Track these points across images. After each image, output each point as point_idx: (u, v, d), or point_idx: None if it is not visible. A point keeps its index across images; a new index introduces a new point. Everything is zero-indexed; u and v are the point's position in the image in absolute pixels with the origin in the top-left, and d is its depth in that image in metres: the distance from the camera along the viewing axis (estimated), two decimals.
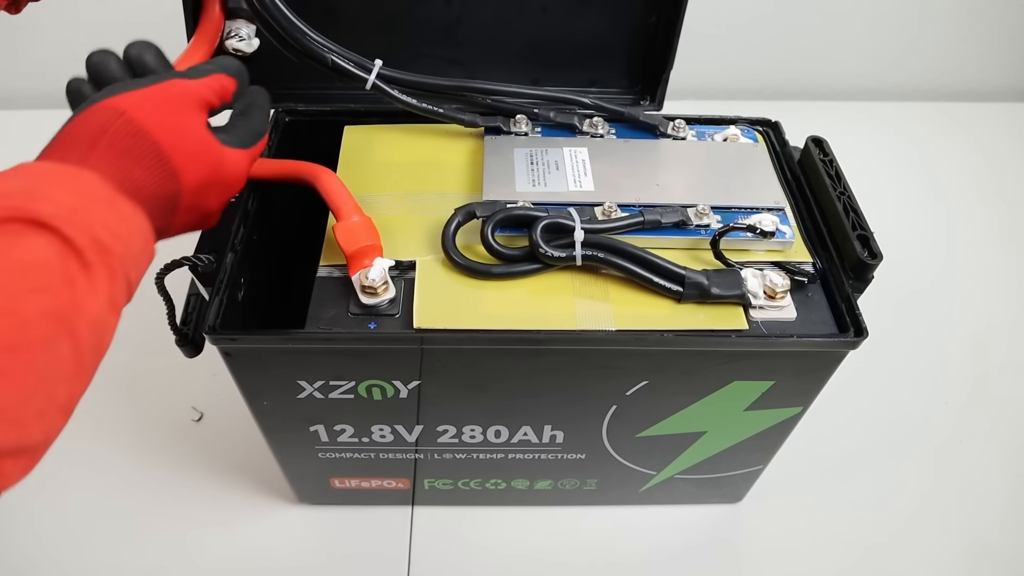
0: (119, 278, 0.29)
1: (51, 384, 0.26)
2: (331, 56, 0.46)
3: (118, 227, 0.29)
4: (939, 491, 0.64)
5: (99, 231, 0.28)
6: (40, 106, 0.97)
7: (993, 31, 1.01)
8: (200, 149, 0.35)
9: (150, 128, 0.32)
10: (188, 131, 0.34)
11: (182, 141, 0.34)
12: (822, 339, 0.42)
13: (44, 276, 0.26)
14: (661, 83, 0.55)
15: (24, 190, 0.28)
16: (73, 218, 0.27)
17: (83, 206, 0.28)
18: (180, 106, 0.34)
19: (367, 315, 0.42)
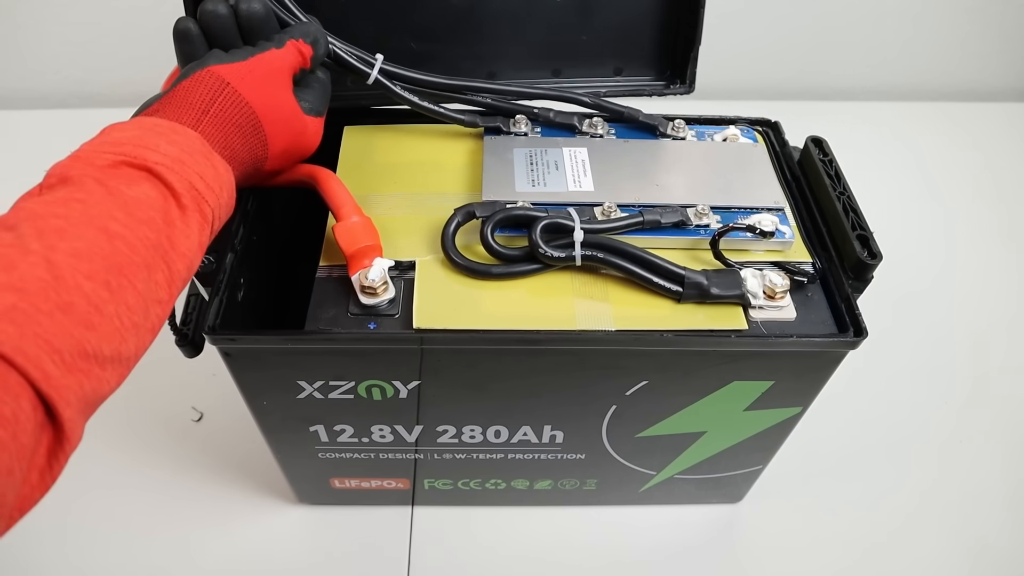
0: (207, 222, 0.33)
1: (148, 304, 0.30)
2: (333, 47, 0.46)
3: (212, 180, 0.34)
4: (939, 491, 0.64)
5: (196, 180, 0.33)
6: (40, 106, 0.97)
7: (993, 31, 1.01)
8: (289, 120, 0.40)
9: (251, 100, 0.37)
10: (281, 104, 0.39)
11: (275, 113, 0.39)
12: (822, 339, 0.42)
13: (149, 212, 0.30)
14: (690, 62, 0.53)
15: (138, 140, 0.32)
16: (175, 167, 0.32)
17: (184, 158, 0.33)
18: (275, 79, 0.39)
19: (367, 315, 0.42)
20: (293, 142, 0.41)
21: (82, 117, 0.94)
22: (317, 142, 0.43)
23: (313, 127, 0.42)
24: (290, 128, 0.40)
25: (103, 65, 0.96)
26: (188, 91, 0.36)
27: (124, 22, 0.91)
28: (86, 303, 0.27)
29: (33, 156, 0.89)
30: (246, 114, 0.37)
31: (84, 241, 0.28)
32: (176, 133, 0.34)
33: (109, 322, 0.28)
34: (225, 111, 0.36)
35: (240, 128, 0.37)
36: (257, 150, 0.39)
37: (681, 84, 0.55)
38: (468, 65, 0.54)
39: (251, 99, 0.37)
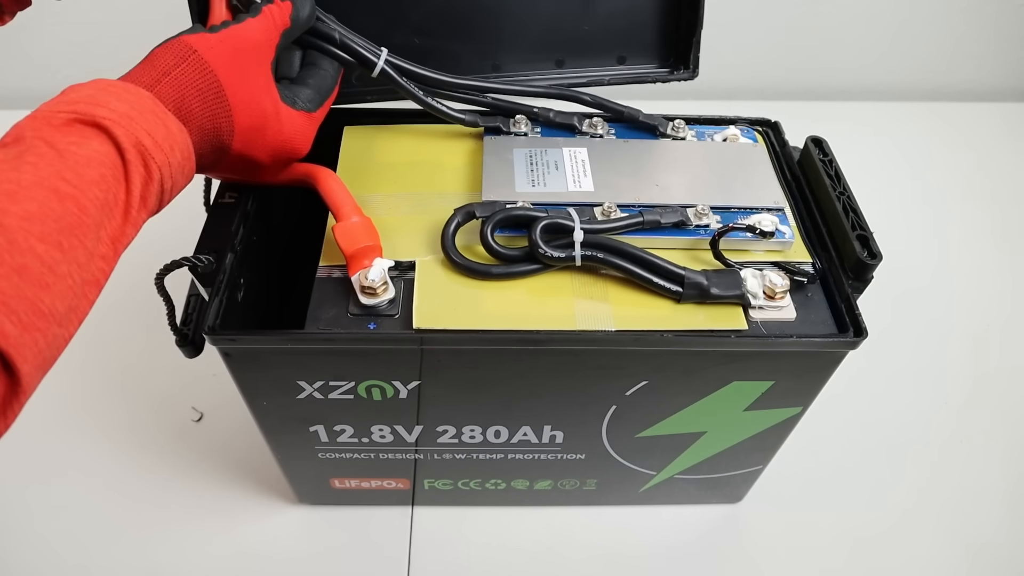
0: (154, 180, 0.33)
1: (94, 260, 0.31)
2: (337, 30, 0.45)
3: (162, 138, 0.34)
4: (938, 491, 0.64)
5: (143, 136, 0.33)
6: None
7: (990, 32, 1.02)
8: (259, 99, 0.39)
9: (216, 67, 0.37)
10: (250, 77, 0.39)
11: (243, 84, 0.38)
12: (822, 339, 0.42)
13: (100, 169, 0.31)
14: (693, 47, 0.53)
15: (90, 98, 0.33)
16: (122, 122, 0.32)
17: (134, 115, 0.33)
18: (247, 51, 0.39)
19: (367, 315, 0.42)
20: (261, 121, 0.40)
21: None
22: (302, 139, 0.43)
23: (289, 116, 0.41)
24: (260, 106, 0.39)
25: (103, 65, 0.96)
26: (155, 57, 0.37)
27: (124, 22, 0.91)
28: (39, 264, 0.28)
29: None
30: (208, 79, 0.37)
31: (36, 203, 0.29)
32: (128, 92, 0.34)
33: (62, 281, 0.29)
34: (185, 74, 0.37)
35: (200, 92, 0.37)
36: (219, 118, 0.38)
37: (685, 70, 0.54)
38: (471, 59, 0.53)
39: (216, 66, 0.37)
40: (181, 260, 0.42)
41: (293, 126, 0.42)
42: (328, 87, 0.45)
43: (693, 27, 0.52)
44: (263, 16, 0.40)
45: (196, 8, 0.45)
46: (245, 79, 0.39)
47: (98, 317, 0.71)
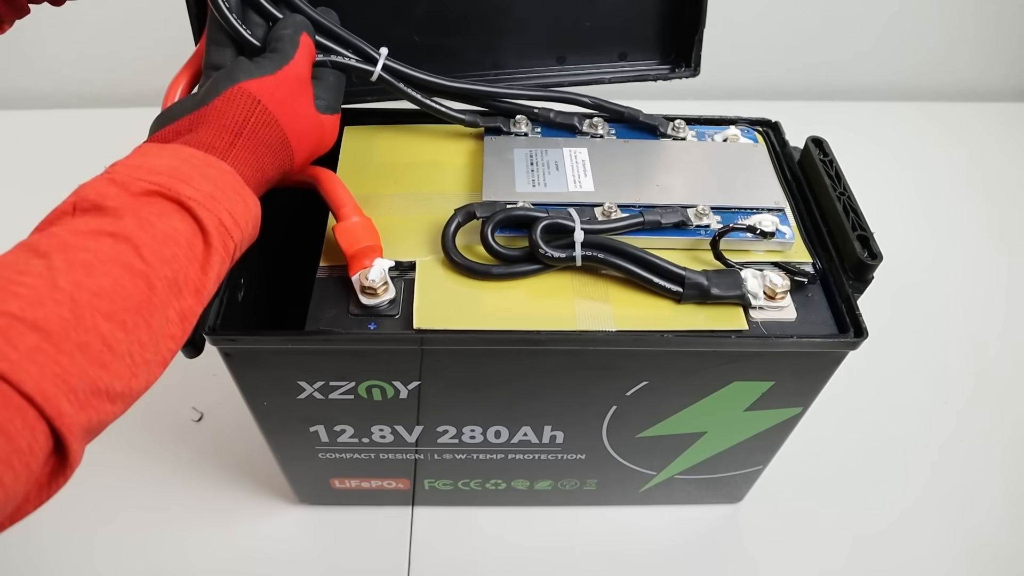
0: (229, 257, 0.34)
1: (159, 340, 0.30)
2: (333, 49, 0.45)
3: (240, 215, 0.34)
4: (939, 491, 0.64)
5: (225, 217, 0.33)
6: (40, 106, 0.97)
7: (990, 32, 1.02)
8: (311, 129, 0.40)
9: (280, 118, 0.37)
10: (304, 114, 0.39)
11: (300, 124, 0.39)
12: (822, 339, 0.42)
13: (174, 248, 0.31)
14: (695, 45, 0.52)
15: (174, 171, 0.32)
16: (207, 203, 0.32)
17: (217, 194, 0.33)
18: (299, 90, 0.39)
19: (367, 316, 0.42)
20: (315, 147, 0.41)
21: (82, 117, 0.95)
22: (334, 138, 0.43)
23: (330, 125, 0.42)
24: (312, 134, 0.40)
25: (103, 65, 0.96)
26: (220, 112, 0.36)
27: (124, 22, 0.91)
28: (101, 343, 0.28)
29: (33, 156, 0.90)
30: (276, 133, 0.37)
31: (108, 279, 0.28)
32: (211, 167, 0.34)
33: (121, 360, 0.28)
34: (257, 132, 0.36)
35: (270, 148, 0.37)
36: (284, 164, 0.39)
37: (687, 68, 0.54)
38: (472, 56, 0.53)
39: (279, 115, 0.37)
40: None
41: (333, 131, 0.42)
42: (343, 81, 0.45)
43: (696, 24, 0.52)
44: (303, 47, 0.40)
45: (195, 9, 0.45)
46: (301, 117, 0.39)
47: None
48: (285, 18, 0.42)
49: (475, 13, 0.52)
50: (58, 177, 0.86)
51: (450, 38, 0.52)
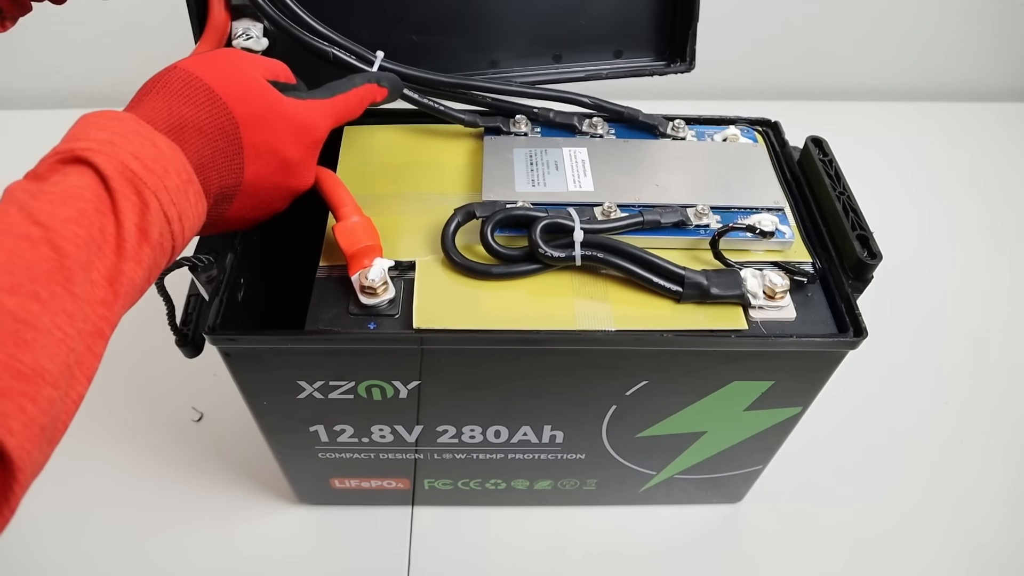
0: (151, 208, 0.30)
1: (88, 307, 0.27)
2: (332, 50, 0.46)
3: (151, 159, 0.30)
4: (939, 490, 0.64)
5: (129, 160, 0.30)
6: (40, 106, 0.97)
7: (991, 32, 1.02)
8: (253, 89, 0.36)
9: (201, 73, 0.34)
10: (241, 75, 0.36)
11: (233, 81, 0.35)
12: (822, 339, 0.42)
13: (78, 204, 0.28)
14: (689, 39, 0.52)
15: (72, 135, 0.31)
16: (103, 149, 0.29)
17: (115, 140, 0.30)
18: (236, 60, 0.37)
19: (367, 315, 0.42)
20: (265, 110, 0.36)
21: None
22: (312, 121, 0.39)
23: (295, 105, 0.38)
24: (258, 98, 0.36)
25: (103, 65, 0.96)
26: (150, 89, 0.35)
27: (124, 22, 0.91)
28: (12, 320, 0.25)
29: (33, 156, 0.90)
30: (194, 84, 0.34)
31: (3, 253, 0.26)
32: (109, 119, 0.31)
33: (48, 335, 0.25)
34: (170, 84, 0.34)
35: (188, 97, 0.34)
36: (216, 116, 0.34)
37: (681, 62, 0.54)
38: (469, 55, 0.53)
39: (202, 72, 0.34)
40: (181, 260, 0.42)
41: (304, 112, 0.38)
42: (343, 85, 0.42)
43: (689, 19, 0.52)
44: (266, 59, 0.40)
45: (195, 9, 0.46)
46: (235, 77, 0.36)
47: None
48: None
49: (471, 13, 0.52)
50: None
51: (447, 38, 0.53)
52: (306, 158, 0.39)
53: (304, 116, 0.38)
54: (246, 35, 0.46)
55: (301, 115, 0.38)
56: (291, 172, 0.38)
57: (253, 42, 0.47)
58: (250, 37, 0.47)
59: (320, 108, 0.39)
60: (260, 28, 0.47)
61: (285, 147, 0.37)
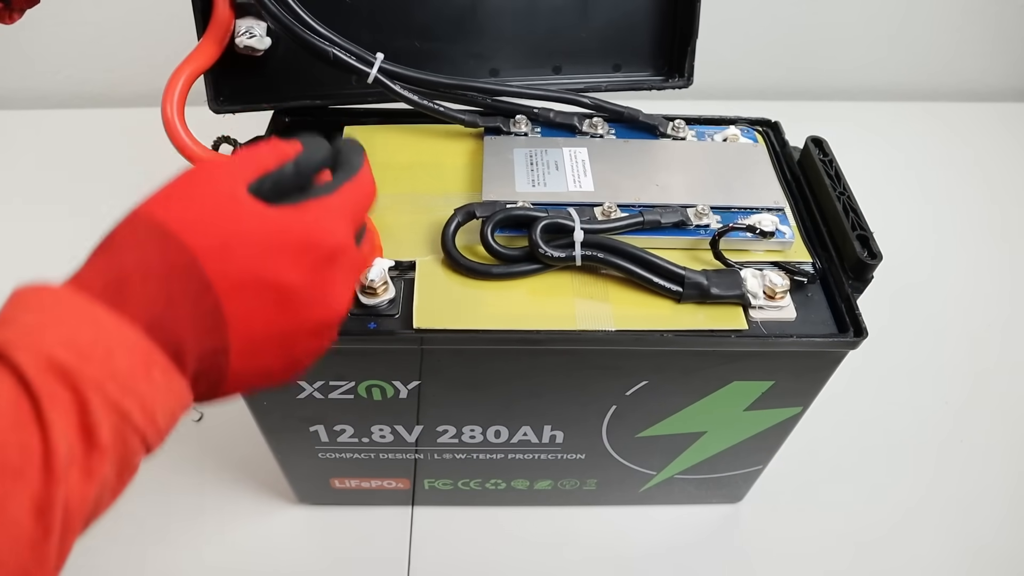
0: (93, 406, 0.23)
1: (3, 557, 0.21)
2: (332, 50, 0.46)
3: (88, 343, 0.23)
4: (938, 490, 0.64)
5: (56, 350, 0.22)
6: (40, 106, 0.97)
7: (991, 32, 1.02)
8: (217, 208, 0.27)
9: (150, 206, 0.26)
10: (202, 194, 0.27)
11: (188, 204, 0.27)
12: (822, 339, 0.42)
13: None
14: (688, 56, 0.53)
15: (4, 313, 0.24)
16: (24, 340, 0.22)
17: (42, 324, 0.23)
18: (202, 177, 0.28)
19: (367, 315, 0.42)
20: (233, 229, 0.26)
21: (82, 117, 0.95)
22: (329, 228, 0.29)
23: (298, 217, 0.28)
24: (220, 215, 0.26)
25: (103, 65, 0.96)
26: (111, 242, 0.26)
27: (124, 22, 0.91)
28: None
29: (33, 156, 0.90)
30: (136, 222, 0.26)
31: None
32: (39, 294, 0.24)
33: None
34: (114, 232, 0.26)
35: (130, 241, 0.26)
36: (170, 254, 0.25)
37: (680, 78, 0.55)
38: (470, 63, 0.54)
39: (145, 205, 0.27)
40: None
41: (301, 220, 0.28)
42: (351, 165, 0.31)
43: (688, 37, 0.53)
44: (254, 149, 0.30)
45: (199, 6, 0.46)
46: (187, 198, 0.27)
47: None
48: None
49: (474, 22, 0.53)
50: (58, 177, 0.87)
51: (448, 46, 0.53)
52: (317, 281, 0.28)
53: (301, 226, 0.28)
54: (249, 33, 0.46)
55: (295, 226, 0.28)
56: (300, 303, 0.28)
57: (256, 41, 0.47)
58: (253, 35, 0.47)
59: (329, 207, 0.29)
60: (263, 27, 0.47)
61: (277, 272, 0.27)
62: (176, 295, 0.25)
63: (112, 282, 0.25)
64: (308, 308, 0.28)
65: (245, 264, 0.26)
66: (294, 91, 0.53)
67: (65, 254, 0.85)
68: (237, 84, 0.50)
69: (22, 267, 0.76)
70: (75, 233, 0.79)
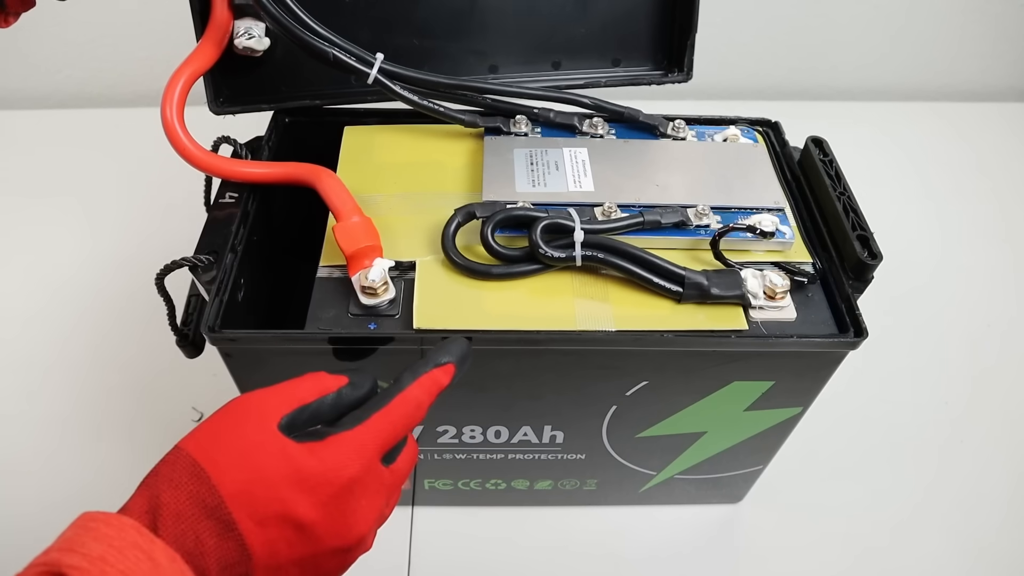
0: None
1: None
2: (332, 51, 0.46)
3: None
4: (939, 491, 0.64)
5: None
6: (40, 106, 0.97)
7: (992, 32, 1.02)
8: (246, 450, 0.30)
9: (188, 444, 0.30)
10: (236, 436, 0.30)
11: (223, 447, 0.30)
12: (822, 339, 0.42)
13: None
14: (687, 50, 0.53)
15: (66, 541, 0.27)
16: (92, 569, 0.25)
17: (107, 556, 0.26)
18: (240, 415, 0.31)
19: (367, 315, 0.42)
20: (269, 479, 0.30)
21: (82, 117, 0.95)
22: (343, 463, 0.31)
23: (313, 457, 0.31)
24: (258, 456, 0.30)
25: (103, 65, 0.96)
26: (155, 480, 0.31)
27: (124, 22, 0.91)
28: None
29: (33, 156, 0.90)
30: (177, 461, 0.30)
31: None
32: (109, 525, 0.27)
33: None
34: (159, 466, 0.30)
35: (170, 479, 0.30)
36: (203, 495, 0.29)
37: (679, 72, 0.55)
38: (470, 60, 0.54)
39: (188, 444, 0.30)
40: (181, 260, 0.42)
41: (316, 460, 0.30)
42: (384, 397, 0.34)
43: (687, 31, 0.53)
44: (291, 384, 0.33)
45: (198, 7, 0.46)
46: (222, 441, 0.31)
47: (98, 318, 0.71)
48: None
49: (473, 19, 0.53)
50: (58, 177, 0.87)
51: (448, 43, 0.53)
52: (333, 513, 0.31)
53: (314, 464, 0.30)
54: (248, 34, 0.46)
55: (309, 464, 0.30)
56: (319, 533, 0.30)
57: (254, 42, 0.47)
58: (252, 36, 0.47)
59: (351, 441, 0.32)
60: (262, 27, 0.47)
61: (294, 509, 0.30)
62: (203, 533, 0.29)
63: (148, 519, 0.29)
64: (326, 537, 0.31)
65: (266, 503, 0.29)
66: (294, 91, 0.53)
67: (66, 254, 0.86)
68: (237, 85, 0.50)
69: (22, 267, 0.76)
70: (75, 233, 0.79)
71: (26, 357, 0.68)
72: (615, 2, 0.53)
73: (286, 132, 0.54)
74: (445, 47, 0.53)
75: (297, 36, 0.46)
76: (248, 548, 0.29)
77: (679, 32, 0.53)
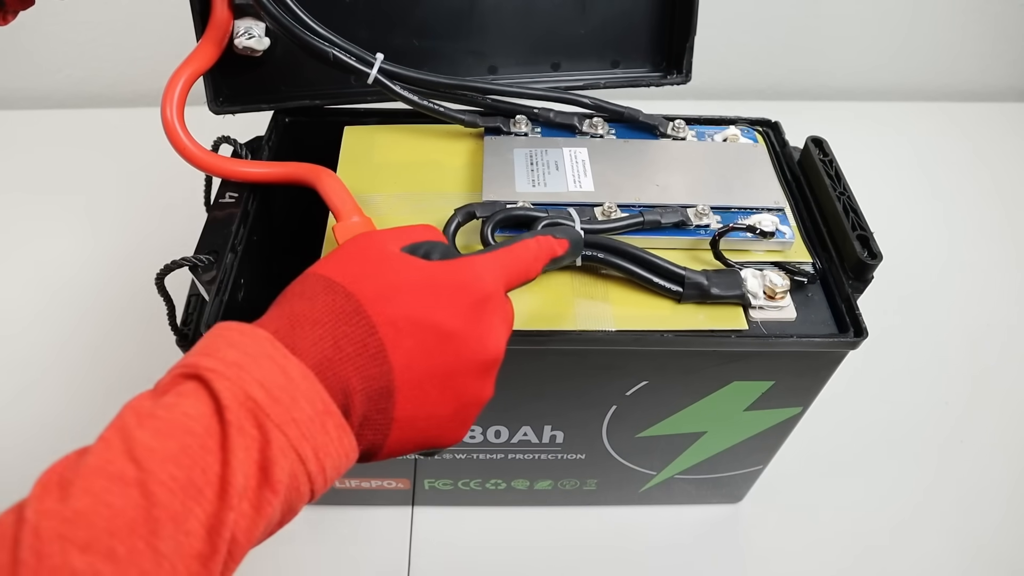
0: (274, 445, 0.25)
1: (176, 564, 0.23)
2: (332, 51, 0.46)
3: (278, 388, 0.26)
4: (939, 491, 0.64)
5: (253, 388, 0.25)
6: (40, 106, 0.97)
7: (993, 31, 1.02)
8: (377, 261, 0.30)
9: (319, 267, 0.30)
10: (363, 255, 0.31)
11: (352, 262, 0.30)
12: (822, 339, 0.42)
13: (185, 439, 0.24)
14: (687, 52, 0.53)
15: (203, 347, 0.27)
16: (228, 372, 0.26)
17: (243, 362, 0.26)
18: (363, 243, 0.32)
19: None
20: (394, 281, 0.30)
21: (82, 117, 0.95)
22: (481, 274, 0.32)
23: (434, 269, 0.31)
24: (380, 268, 0.30)
25: (104, 65, 0.96)
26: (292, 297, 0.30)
27: (125, 22, 0.91)
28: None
29: (33, 156, 0.90)
30: (309, 280, 0.30)
31: (87, 499, 0.22)
32: (243, 334, 0.27)
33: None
34: (290, 288, 0.30)
35: (303, 295, 0.29)
36: (338, 302, 0.29)
37: (678, 74, 0.55)
38: (470, 61, 0.54)
39: (318, 266, 0.31)
40: (181, 260, 0.42)
41: (457, 268, 0.31)
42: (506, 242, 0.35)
43: (687, 33, 0.53)
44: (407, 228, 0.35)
45: (198, 7, 0.46)
46: (354, 255, 0.31)
47: (98, 317, 0.71)
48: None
49: (473, 20, 0.53)
50: (58, 177, 0.87)
51: (447, 44, 0.53)
52: (472, 322, 0.31)
53: (453, 274, 0.31)
54: (248, 34, 0.46)
55: (448, 274, 0.31)
56: (459, 341, 0.30)
57: (255, 41, 0.47)
58: (252, 36, 0.47)
59: (478, 260, 0.33)
60: (262, 27, 0.47)
61: (435, 315, 0.30)
62: (342, 338, 0.28)
63: (285, 326, 0.28)
64: (466, 346, 0.30)
65: (405, 308, 0.29)
66: (294, 91, 0.53)
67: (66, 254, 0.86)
68: (237, 84, 0.50)
69: (22, 266, 0.76)
70: (75, 233, 0.79)
71: (26, 357, 0.68)
72: (614, 4, 0.53)
73: (286, 132, 0.54)
74: (445, 48, 0.53)
75: (297, 36, 0.46)
76: (388, 355, 0.28)
77: (678, 34, 0.54)
